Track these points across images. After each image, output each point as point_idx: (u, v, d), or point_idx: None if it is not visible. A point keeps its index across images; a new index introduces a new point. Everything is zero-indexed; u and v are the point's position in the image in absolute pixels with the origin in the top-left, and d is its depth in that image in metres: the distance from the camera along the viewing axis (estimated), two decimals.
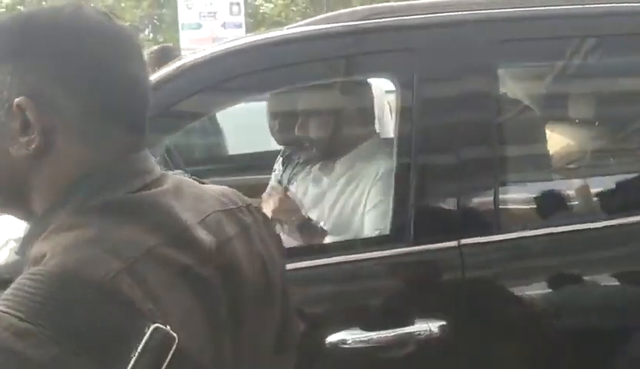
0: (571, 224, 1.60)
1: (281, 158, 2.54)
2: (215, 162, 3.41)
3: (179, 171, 2.63)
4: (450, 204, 1.53)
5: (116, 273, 0.62)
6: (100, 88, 0.71)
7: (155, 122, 1.40)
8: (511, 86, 2.11)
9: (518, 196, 1.69)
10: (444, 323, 1.44)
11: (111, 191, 0.72)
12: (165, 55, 3.76)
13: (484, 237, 1.52)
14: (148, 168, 0.76)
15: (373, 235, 1.65)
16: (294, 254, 1.50)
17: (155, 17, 24.10)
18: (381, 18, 1.55)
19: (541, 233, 1.56)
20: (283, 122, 2.33)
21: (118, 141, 0.74)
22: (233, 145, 3.68)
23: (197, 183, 0.85)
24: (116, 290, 0.62)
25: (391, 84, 1.61)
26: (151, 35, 25.38)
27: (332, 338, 1.41)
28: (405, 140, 1.53)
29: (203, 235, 0.73)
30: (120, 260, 0.64)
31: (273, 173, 2.57)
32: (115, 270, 0.63)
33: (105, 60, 0.72)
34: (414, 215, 1.49)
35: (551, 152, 1.93)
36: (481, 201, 1.55)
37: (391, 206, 1.56)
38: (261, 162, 2.82)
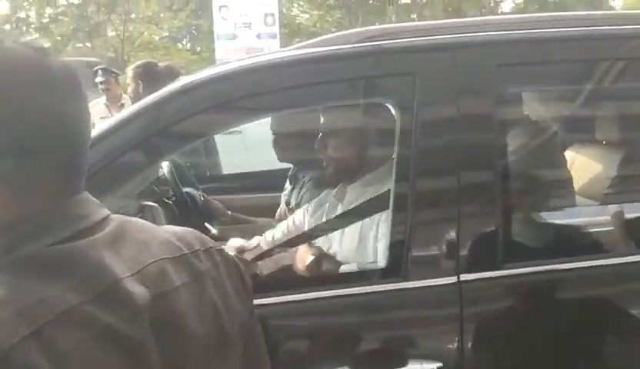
0: (583, 259, 1.50)
1: (289, 178, 2.51)
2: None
3: (189, 187, 2.60)
4: (449, 235, 1.44)
5: (20, 338, 0.58)
6: (24, 129, 0.66)
7: (155, 141, 1.42)
8: (537, 108, 2.02)
9: (525, 227, 1.59)
10: (440, 365, 1.36)
11: (35, 241, 0.67)
12: (149, 71, 3.78)
13: (485, 273, 1.43)
14: (83, 213, 0.71)
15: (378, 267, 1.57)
16: (272, 287, 1.44)
17: (193, 27, 24.50)
18: (378, 41, 1.48)
19: (548, 269, 1.47)
20: (284, 140, 2.31)
21: (48, 185, 0.69)
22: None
23: (149, 226, 0.80)
24: (18, 359, 0.57)
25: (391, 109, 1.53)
26: (189, 45, 25.85)
27: None
28: (403, 167, 1.46)
29: (135, 289, 0.68)
30: (27, 324, 0.59)
31: (283, 192, 2.54)
32: (20, 335, 0.58)
33: (32, 99, 0.67)
34: (410, 247, 1.41)
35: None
36: (483, 232, 1.46)
37: (387, 237, 1.48)
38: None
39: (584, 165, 2.18)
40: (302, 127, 2.32)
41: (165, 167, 2.46)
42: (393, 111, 1.51)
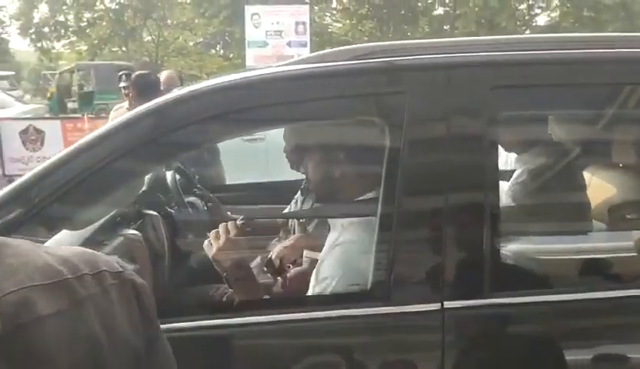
0: (571, 292, 1.44)
1: (301, 189, 2.49)
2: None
3: (195, 196, 2.57)
4: (434, 260, 1.40)
5: None
6: None
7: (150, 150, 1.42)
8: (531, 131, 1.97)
9: (514, 253, 1.54)
10: None
11: None
12: (145, 82, 3.78)
13: (470, 301, 1.39)
14: None
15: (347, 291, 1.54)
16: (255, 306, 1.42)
17: (226, 34, 24.79)
18: (367, 59, 1.46)
19: (536, 300, 1.41)
20: (296, 150, 2.28)
21: None
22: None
23: (28, 250, 0.77)
24: None
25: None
26: (222, 51, 26.15)
27: None
28: (389, 186, 1.43)
29: None
30: None
31: (292, 202, 2.52)
32: None
33: None
34: (393, 271, 1.38)
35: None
36: (469, 258, 1.42)
37: (372, 261, 1.45)
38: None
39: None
40: (311, 138, 2.31)
41: (168, 176, 2.47)
42: (382, 130, 1.48)
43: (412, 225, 1.42)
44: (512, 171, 2.10)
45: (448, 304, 1.37)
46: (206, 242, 1.76)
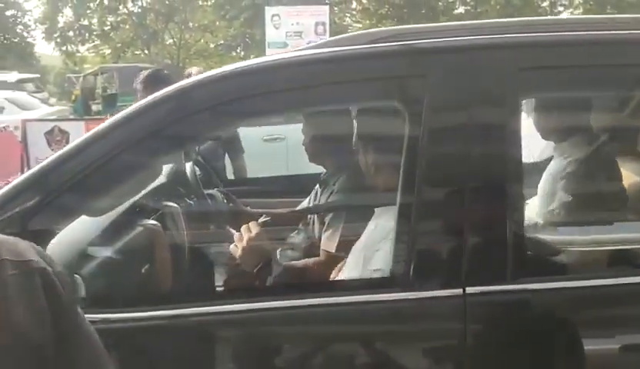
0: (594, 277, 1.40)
1: (320, 182, 2.48)
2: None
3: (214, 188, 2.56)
4: (456, 245, 1.37)
5: None
6: None
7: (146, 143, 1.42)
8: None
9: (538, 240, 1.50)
10: None
11: None
12: (157, 80, 3.79)
13: (493, 286, 1.35)
14: None
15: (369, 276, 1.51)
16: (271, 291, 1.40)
17: (247, 36, 24.90)
18: (387, 42, 1.43)
19: (561, 286, 1.38)
20: (315, 143, 2.28)
21: None
22: None
23: None
24: None
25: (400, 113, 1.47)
26: (243, 53, 26.27)
27: None
28: (409, 171, 1.40)
29: None
30: None
31: (312, 194, 2.51)
32: None
33: None
34: (413, 256, 1.35)
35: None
36: (492, 244, 1.38)
37: (391, 246, 1.42)
38: None
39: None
40: (332, 129, 2.29)
41: (187, 168, 2.47)
42: (402, 115, 1.45)
43: (434, 211, 1.39)
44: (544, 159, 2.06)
45: (470, 290, 1.34)
46: (232, 246, 1.79)
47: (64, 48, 26.70)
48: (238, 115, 1.53)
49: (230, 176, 3.52)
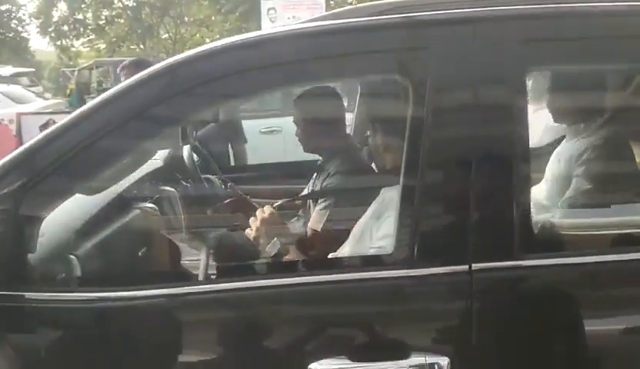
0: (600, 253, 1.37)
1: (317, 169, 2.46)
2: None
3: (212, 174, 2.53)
4: (462, 222, 1.33)
5: None
6: None
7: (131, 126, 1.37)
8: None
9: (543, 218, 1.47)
10: (446, 359, 1.26)
11: None
12: (140, 67, 3.78)
13: (500, 263, 1.32)
14: None
15: (371, 253, 1.48)
16: (278, 269, 1.37)
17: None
18: (389, 14, 1.39)
19: (568, 261, 1.34)
20: (308, 130, 2.26)
21: None
22: None
23: None
24: None
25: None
26: None
27: (315, 366, 1.26)
28: (413, 146, 1.36)
29: None
30: None
31: (310, 181, 2.49)
32: None
33: None
34: (418, 232, 1.31)
35: None
36: (499, 221, 1.35)
37: (395, 220, 1.39)
38: None
39: None
40: (323, 115, 2.26)
41: (185, 152, 2.43)
42: (405, 89, 1.41)
43: (440, 188, 1.35)
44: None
45: (476, 266, 1.30)
46: (247, 230, 1.78)
47: (58, 43, 26.56)
48: (232, 92, 1.48)
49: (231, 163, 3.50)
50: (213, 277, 1.56)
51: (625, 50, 1.42)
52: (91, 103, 1.43)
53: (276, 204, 1.81)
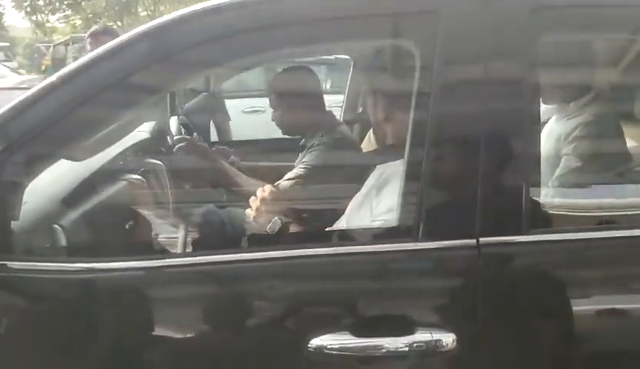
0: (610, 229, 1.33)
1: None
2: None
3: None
4: (470, 195, 1.28)
5: None
6: None
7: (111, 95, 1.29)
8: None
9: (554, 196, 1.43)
10: (452, 335, 1.22)
11: None
12: (107, 36, 3.74)
13: (508, 237, 1.27)
14: None
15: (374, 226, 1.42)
16: (279, 240, 1.31)
17: None
18: None
19: (579, 237, 1.31)
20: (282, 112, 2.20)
21: None
22: None
23: None
24: None
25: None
26: None
27: (316, 342, 1.21)
28: (420, 113, 1.30)
29: None
30: None
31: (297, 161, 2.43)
32: None
33: None
34: (425, 203, 1.26)
35: None
36: (508, 196, 1.30)
37: (399, 193, 1.33)
38: None
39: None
40: (301, 91, 2.19)
41: (172, 124, 2.35)
42: (412, 55, 1.35)
43: (447, 160, 1.29)
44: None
45: (484, 240, 1.25)
46: (247, 210, 1.72)
47: (34, 18, 25.90)
48: (224, 54, 1.38)
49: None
50: (204, 249, 1.49)
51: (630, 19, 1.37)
52: (73, 65, 1.34)
53: (276, 183, 1.74)
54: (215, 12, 1.34)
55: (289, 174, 2.14)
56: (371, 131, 2.13)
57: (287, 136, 2.41)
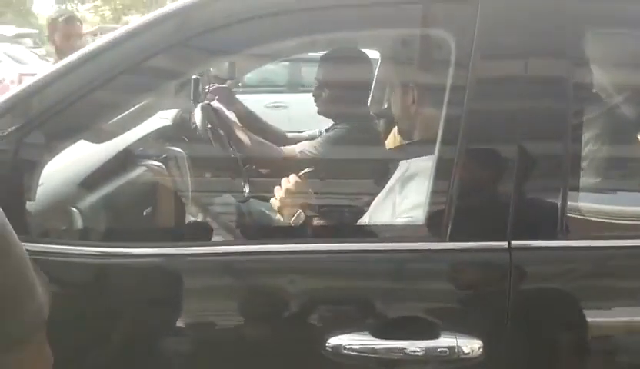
0: None
1: None
2: None
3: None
4: (503, 197, 1.22)
5: None
6: None
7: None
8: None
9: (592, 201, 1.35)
10: (478, 341, 1.15)
11: None
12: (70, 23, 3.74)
13: (543, 241, 1.21)
14: None
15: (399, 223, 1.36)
16: (297, 234, 1.26)
17: None
18: None
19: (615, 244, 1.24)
20: (326, 90, 2.16)
21: None
22: None
23: None
24: None
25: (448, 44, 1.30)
26: None
27: (334, 341, 1.15)
28: (453, 115, 1.24)
29: None
30: None
31: None
32: None
33: None
34: (455, 203, 1.20)
35: None
36: (543, 199, 1.23)
37: (428, 190, 1.27)
38: None
39: None
40: (349, 76, 2.14)
41: (196, 113, 2.30)
42: (448, 46, 1.29)
43: (481, 158, 1.23)
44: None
45: (516, 243, 1.19)
46: (272, 200, 1.67)
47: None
48: (252, 37, 1.33)
49: None
50: (223, 239, 1.45)
51: None
52: (94, 44, 1.30)
53: (302, 172, 1.68)
54: None
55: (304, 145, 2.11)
56: (396, 127, 2.07)
57: (321, 115, 2.35)
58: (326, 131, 2.33)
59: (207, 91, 2.24)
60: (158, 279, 1.24)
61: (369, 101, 2.71)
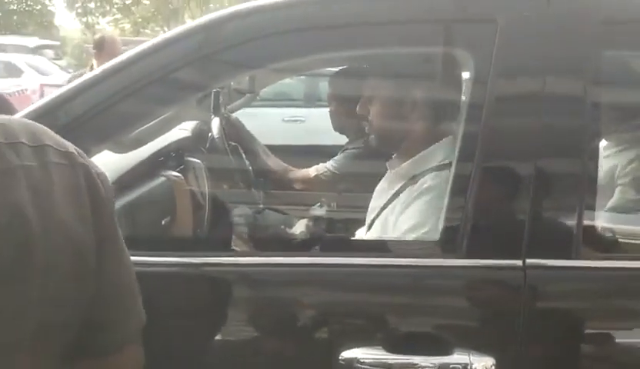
0: None
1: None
2: None
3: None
4: (518, 215, 1.23)
5: None
6: None
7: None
8: None
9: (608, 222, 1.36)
10: (491, 359, 1.15)
11: None
12: (105, 45, 3.83)
13: (557, 261, 1.21)
14: None
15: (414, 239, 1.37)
16: (309, 247, 1.27)
17: None
18: None
19: (630, 266, 1.23)
20: (339, 105, 2.20)
21: None
22: None
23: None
24: None
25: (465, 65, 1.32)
26: None
27: (347, 354, 1.16)
28: (470, 131, 1.25)
29: None
30: None
31: None
32: None
33: None
34: (471, 220, 1.20)
35: None
36: (559, 218, 1.24)
37: (444, 207, 1.28)
38: None
39: None
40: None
41: (214, 125, 2.34)
42: (467, 64, 1.31)
43: (497, 176, 1.24)
44: None
45: (530, 262, 1.19)
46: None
47: (84, 19, 26.63)
48: (275, 53, 1.36)
49: None
50: (241, 250, 1.47)
51: None
52: (122, 57, 1.34)
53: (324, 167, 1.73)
54: (263, 11, 1.32)
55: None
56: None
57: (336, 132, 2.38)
58: (341, 151, 2.36)
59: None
60: (177, 288, 1.25)
61: None
